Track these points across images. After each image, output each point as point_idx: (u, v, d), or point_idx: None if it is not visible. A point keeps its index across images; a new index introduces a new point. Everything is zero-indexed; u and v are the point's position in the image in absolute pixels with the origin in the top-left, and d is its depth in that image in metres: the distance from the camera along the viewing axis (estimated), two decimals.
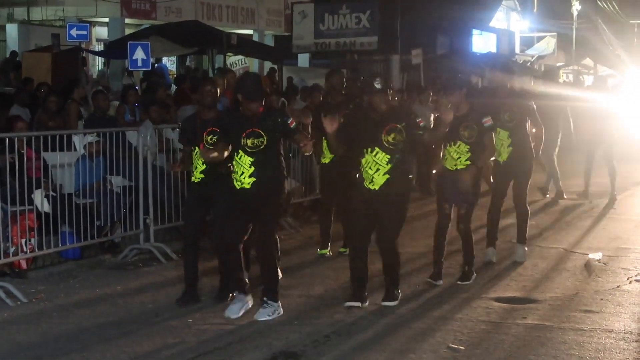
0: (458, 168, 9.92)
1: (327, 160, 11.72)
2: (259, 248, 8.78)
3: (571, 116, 17.13)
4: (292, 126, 8.71)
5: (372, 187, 8.89)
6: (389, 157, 8.84)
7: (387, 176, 8.85)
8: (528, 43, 52.16)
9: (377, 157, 8.85)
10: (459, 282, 10.10)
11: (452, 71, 23.25)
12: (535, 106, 11.38)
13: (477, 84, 33.03)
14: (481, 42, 42.29)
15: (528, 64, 44.02)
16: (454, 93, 9.95)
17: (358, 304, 8.98)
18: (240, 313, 8.75)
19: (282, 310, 8.78)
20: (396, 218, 9.04)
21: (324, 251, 11.84)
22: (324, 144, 11.43)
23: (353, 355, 7.57)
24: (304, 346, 7.77)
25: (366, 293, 9.12)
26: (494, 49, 41.95)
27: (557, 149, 16.91)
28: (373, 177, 8.88)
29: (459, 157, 9.90)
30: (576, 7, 52.68)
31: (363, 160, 8.93)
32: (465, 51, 37.03)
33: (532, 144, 11.29)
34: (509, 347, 7.76)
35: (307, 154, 8.87)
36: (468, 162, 9.87)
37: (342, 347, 7.78)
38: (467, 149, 9.87)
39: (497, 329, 8.28)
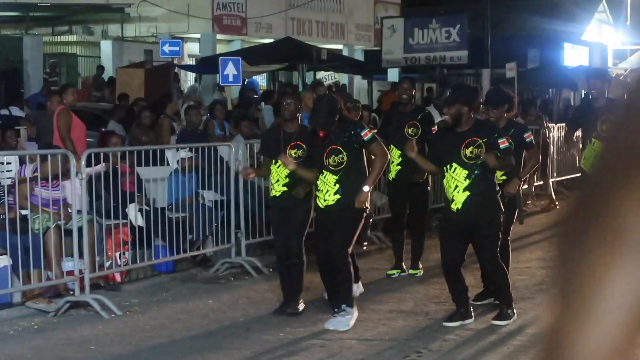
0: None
1: (393, 175, 11.49)
2: (333, 258, 8.76)
3: None
4: (365, 138, 8.69)
5: (454, 208, 8.64)
6: (467, 172, 8.53)
7: (468, 193, 8.53)
8: (621, 56, 51.35)
9: (455, 173, 8.58)
10: None
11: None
12: None
13: (568, 98, 32.69)
14: (573, 56, 41.78)
15: (621, 78, 43.31)
16: (498, 107, 9.61)
17: (458, 323, 8.81)
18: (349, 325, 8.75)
19: (357, 314, 8.82)
20: (489, 235, 8.67)
21: (392, 272, 11.57)
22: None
23: None
24: None
25: (469, 309, 8.94)
26: (586, 63, 41.41)
27: None
28: (454, 196, 8.62)
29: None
30: None
31: (444, 180, 8.77)
32: (556, 64, 36.60)
33: None
34: None
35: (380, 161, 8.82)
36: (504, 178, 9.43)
37: None
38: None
39: None
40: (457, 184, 8.60)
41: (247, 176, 10.38)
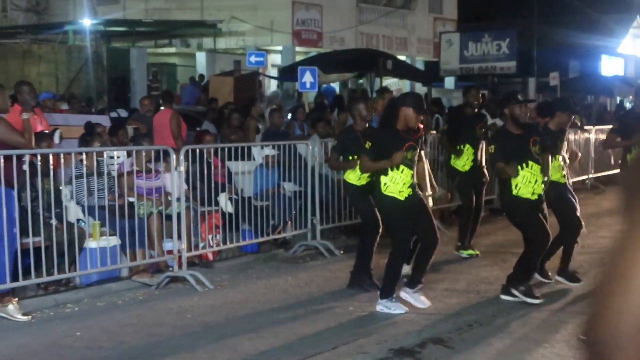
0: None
1: (467, 168, 11.51)
2: (435, 243, 8.57)
3: None
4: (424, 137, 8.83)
5: (534, 198, 8.57)
6: (539, 167, 8.55)
7: (543, 186, 8.63)
8: None
9: (533, 169, 8.52)
10: None
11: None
12: None
13: (605, 104, 32.13)
14: (610, 66, 41.13)
15: None
16: (551, 116, 9.50)
17: (538, 301, 8.74)
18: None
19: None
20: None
21: (468, 252, 11.62)
22: (463, 152, 11.39)
23: (494, 342, 7.46)
24: (449, 333, 7.70)
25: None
26: (621, 72, 40.72)
27: None
28: (535, 189, 8.55)
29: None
30: None
31: (519, 178, 8.50)
32: (594, 74, 36.08)
33: None
34: None
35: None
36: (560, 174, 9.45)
37: (484, 335, 7.68)
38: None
39: None
40: (536, 179, 8.56)
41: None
